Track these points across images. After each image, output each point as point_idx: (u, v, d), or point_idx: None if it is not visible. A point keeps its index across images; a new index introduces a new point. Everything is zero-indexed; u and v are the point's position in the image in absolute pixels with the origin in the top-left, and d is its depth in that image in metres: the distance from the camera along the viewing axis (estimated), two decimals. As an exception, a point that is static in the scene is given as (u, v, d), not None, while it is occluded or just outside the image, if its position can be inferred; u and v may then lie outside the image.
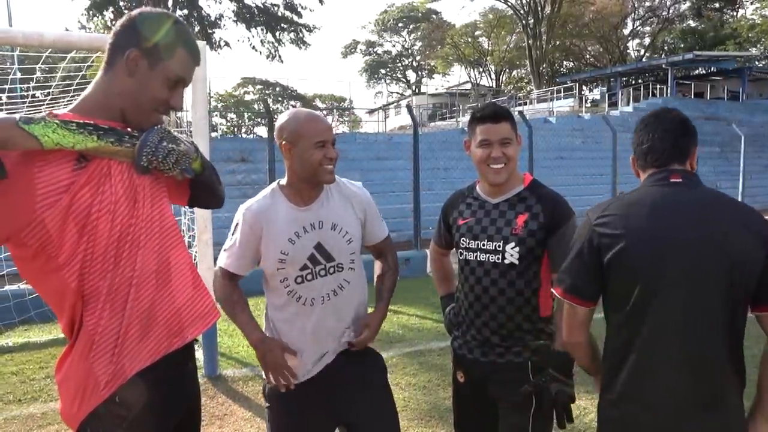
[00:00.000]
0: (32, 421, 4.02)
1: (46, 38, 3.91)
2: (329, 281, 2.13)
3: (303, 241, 2.10)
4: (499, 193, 2.24)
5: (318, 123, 2.08)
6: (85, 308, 1.53)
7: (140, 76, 1.54)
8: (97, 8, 23.73)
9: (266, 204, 2.14)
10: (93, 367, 1.55)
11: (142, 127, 1.58)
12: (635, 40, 45.17)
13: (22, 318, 6.42)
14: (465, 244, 2.26)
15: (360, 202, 2.24)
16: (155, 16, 1.57)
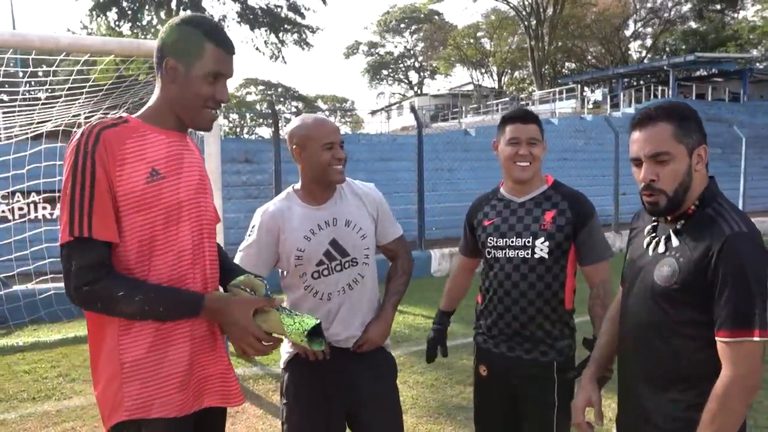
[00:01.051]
0: (47, 418, 4.09)
1: (62, 42, 3.99)
2: (344, 276, 2.22)
3: (318, 237, 2.20)
4: (524, 192, 2.35)
5: (325, 126, 2.19)
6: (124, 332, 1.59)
7: (180, 81, 1.63)
8: (100, 9, 23.86)
9: (282, 206, 2.25)
10: (122, 381, 1.59)
11: (199, 126, 1.71)
12: (637, 42, 45.27)
13: (32, 318, 6.51)
14: (492, 243, 2.35)
15: (372, 200, 2.33)
16: (178, 21, 1.66)
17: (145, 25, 24.71)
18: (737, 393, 1.47)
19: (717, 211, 1.58)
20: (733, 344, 1.47)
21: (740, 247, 1.49)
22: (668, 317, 1.60)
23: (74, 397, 4.49)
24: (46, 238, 6.50)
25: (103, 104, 6.62)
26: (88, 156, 1.50)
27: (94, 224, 1.49)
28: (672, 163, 1.58)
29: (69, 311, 6.49)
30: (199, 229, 1.71)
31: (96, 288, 1.49)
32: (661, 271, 1.61)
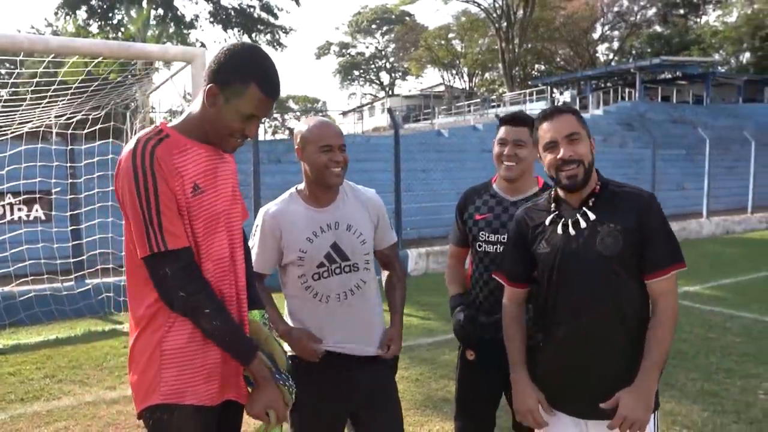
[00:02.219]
0: (39, 418, 4.11)
1: (51, 44, 4.03)
2: (345, 280, 2.27)
3: (320, 240, 2.25)
4: (517, 192, 2.49)
5: (325, 129, 2.24)
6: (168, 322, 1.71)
7: (217, 108, 1.69)
8: (69, 7, 23.41)
9: (284, 207, 2.31)
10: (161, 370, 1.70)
11: (222, 149, 1.78)
12: (604, 45, 46.30)
13: (12, 320, 6.45)
14: (485, 238, 2.48)
15: (374, 206, 2.40)
16: (238, 53, 1.68)
17: (115, 23, 24.35)
18: (676, 317, 1.90)
19: (619, 186, 1.99)
20: (671, 278, 1.88)
21: (657, 204, 1.93)
22: (622, 281, 1.89)
23: (63, 397, 4.51)
24: (26, 239, 6.46)
25: (86, 105, 6.58)
26: (148, 173, 1.60)
27: (168, 238, 1.61)
28: (582, 141, 1.92)
29: (50, 313, 6.47)
30: (232, 238, 1.81)
31: (191, 299, 1.64)
32: (605, 242, 1.89)
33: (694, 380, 4.63)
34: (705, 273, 9.29)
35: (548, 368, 2.02)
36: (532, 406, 2.00)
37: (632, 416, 1.81)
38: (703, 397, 4.29)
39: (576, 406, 1.98)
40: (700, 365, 4.98)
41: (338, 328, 2.27)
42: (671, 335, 1.87)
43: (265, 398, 1.77)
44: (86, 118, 6.73)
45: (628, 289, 1.90)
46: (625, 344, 1.91)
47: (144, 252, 1.62)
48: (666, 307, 1.87)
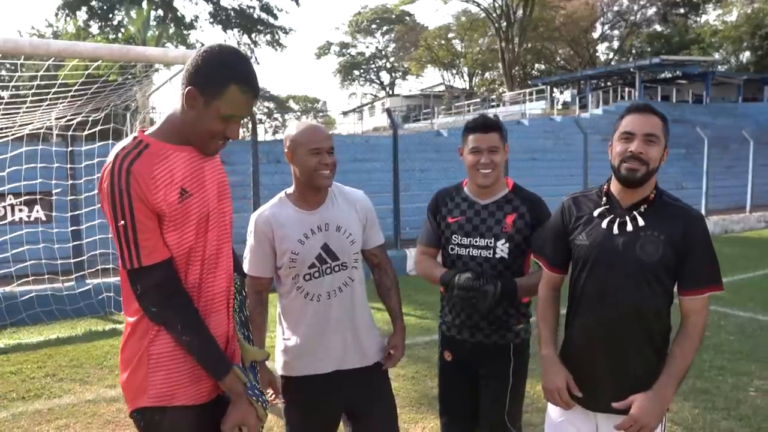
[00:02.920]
0: (40, 416, 4.18)
1: (53, 48, 4.09)
2: (335, 279, 2.34)
3: (311, 241, 2.31)
4: (488, 195, 2.53)
5: (313, 132, 2.28)
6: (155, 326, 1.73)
7: (197, 110, 1.67)
8: (69, 8, 23.48)
9: (275, 210, 2.37)
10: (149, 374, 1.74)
11: (204, 153, 1.77)
12: (604, 44, 46.38)
13: (13, 320, 6.52)
14: (457, 241, 2.52)
15: (362, 207, 2.46)
16: (215, 55, 1.67)
17: (116, 24, 24.42)
18: (702, 335, 1.95)
19: (673, 199, 2.00)
20: (705, 298, 1.92)
21: (704, 224, 1.96)
22: (651, 289, 1.91)
23: (64, 395, 4.57)
24: (27, 240, 6.53)
25: (86, 107, 6.65)
26: (124, 193, 1.60)
27: (142, 254, 1.64)
28: (657, 146, 1.93)
29: (51, 313, 6.54)
30: (222, 235, 1.83)
31: (161, 315, 1.68)
32: (646, 248, 1.91)
33: (686, 378, 4.68)
34: (702, 272, 9.31)
35: (568, 354, 2.09)
36: (560, 384, 2.04)
37: (643, 420, 1.86)
38: (694, 394, 4.35)
39: (590, 398, 2.03)
40: (693, 363, 5.03)
41: (328, 323, 2.33)
42: (695, 351, 1.93)
43: (237, 415, 1.76)
44: (86, 119, 6.79)
45: (657, 299, 1.93)
46: (647, 351, 1.96)
47: (125, 266, 1.66)
48: (696, 323, 1.92)
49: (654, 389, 1.88)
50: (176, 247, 1.70)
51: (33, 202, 7.31)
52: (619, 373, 1.97)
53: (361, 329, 2.42)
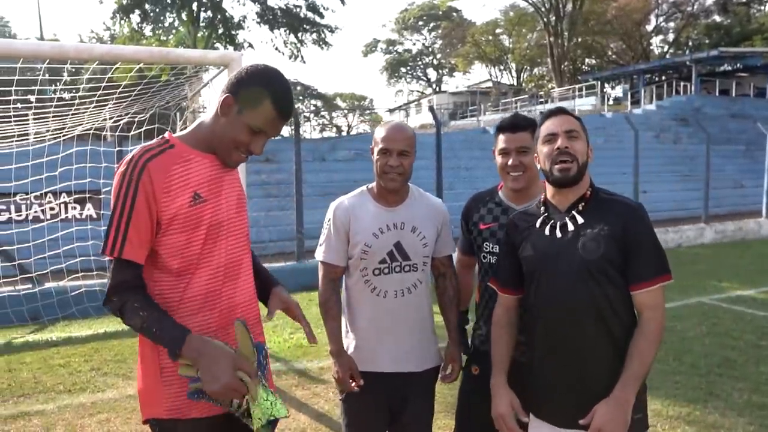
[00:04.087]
0: (83, 409, 4.30)
1: (96, 52, 4.19)
2: (403, 278, 2.36)
3: (385, 237, 2.34)
4: (523, 199, 2.34)
5: (388, 132, 2.31)
6: None
7: (229, 119, 1.72)
8: (123, 11, 24.25)
9: (354, 201, 2.41)
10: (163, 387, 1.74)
11: (225, 163, 1.79)
12: (659, 37, 44.70)
13: (65, 314, 6.76)
14: (489, 248, 2.38)
15: (439, 214, 2.46)
16: (259, 71, 1.74)
17: (167, 26, 25.14)
18: (660, 331, 1.85)
19: (609, 194, 1.97)
20: (657, 290, 1.84)
21: (643, 215, 1.89)
22: (601, 287, 1.85)
23: (107, 390, 4.70)
24: (77, 237, 6.75)
25: (131, 108, 6.83)
26: (132, 184, 1.64)
27: (126, 247, 1.64)
28: (580, 140, 1.94)
29: (99, 308, 6.64)
30: (236, 245, 1.83)
31: (120, 298, 1.64)
32: (587, 246, 1.86)
33: (740, 391, 4.44)
34: (761, 276, 8.89)
35: (530, 371, 2.00)
36: (503, 410, 1.98)
37: (607, 429, 1.74)
38: (750, 410, 4.11)
39: (553, 413, 1.95)
40: (749, 375, 4.77)
41: (394, 323, 2.36)
42: (654, 349, 1.83)
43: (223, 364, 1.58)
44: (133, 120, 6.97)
45: (609, 297, 1.86)
46: (611, 355, 1.86)
47: (102, 250, 1.67)
48: (650, 319, 1.84)
49: (612, 395, 1.77)
50: (184, 249, 1.71)
51: (83, 201, 7.57)
52: (578, 383, 1.88)
53: (423, 333, 2.44)
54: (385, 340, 2.37)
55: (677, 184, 18.20)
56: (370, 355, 2.38)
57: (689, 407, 4.18)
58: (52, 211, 7.37)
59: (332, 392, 4.45)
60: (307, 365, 5.19)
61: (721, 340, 5.70)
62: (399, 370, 2.38)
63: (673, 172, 18.70)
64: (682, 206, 16.38)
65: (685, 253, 11.68)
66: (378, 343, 2.37)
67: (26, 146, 7.11)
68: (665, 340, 5.58)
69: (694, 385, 4.59)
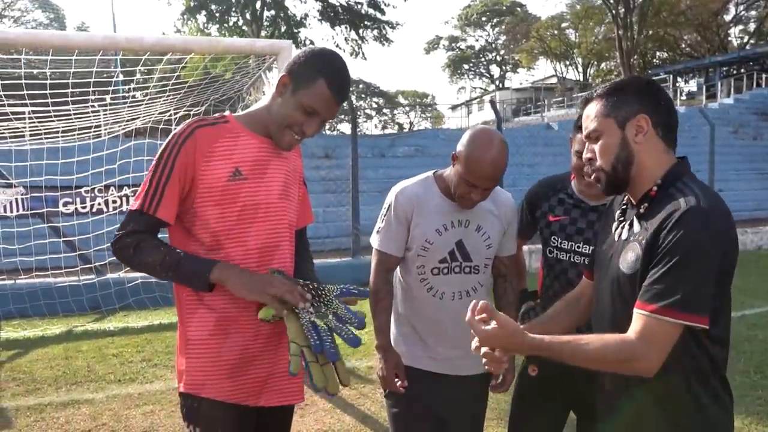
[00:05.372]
0: (130, 400, 4.30)
1: (146, 42, 4.17)
2: (463, 280, 2.19)
3: (448, 234, 2.16)
4: (599, 195, 2.13)
5: (482, 165, 2.00)
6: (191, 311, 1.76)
7: (285, 98, 1.72)
8: (190, 12, 25.00)
9: (418, 189, 2.20)
10: (188, 360, 1.76)
11: (277, 143, 1.78)
12: (738, 27, 42.16)
13: (122, 304, 6.90)
14: (556, 243, 2.24)
15: (507, 212, 2.25)
16: (317, 52, 1.75)
17: (231, 26, 25.69)
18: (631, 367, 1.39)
19: (679, 189, 1.47)
20: (654, 321, 1.36)
21: (689, 220, 1.37)
22: (629, 307, 1.44)
23: (155, 381, 4.70)
24: (135, 229, 6.86)
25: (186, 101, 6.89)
26: (176, 146, 1.68)
27: (161, 206, 1.67)
28: (602, 138, 1.55)
29: (155, 299, 6.83)
30: (274, 231, 1.79)
31: (134, 238, 1.67)
32: (626, 257, 1.51)
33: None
34: None
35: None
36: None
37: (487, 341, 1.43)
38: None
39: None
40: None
41: (449, 327, 2.18)
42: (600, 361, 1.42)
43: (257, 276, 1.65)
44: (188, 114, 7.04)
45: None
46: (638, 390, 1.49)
47: (136, 206, 1.69)
48: (632, 342, 1.38)
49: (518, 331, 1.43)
50: (216, 223, 1.71)
51: (142, 194, 7.72)
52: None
53: None
54: (438, 341, 2.22)
55: (758, 182, 17.11)
56: (420, 354, 2.24)
57: (774, 426, 3.76)
58: (114, 204, 7.54)
59: (380, 393, 4.28)
60: (355, 364, 5.03)
61: (810, 352, 5.17)
62: (450, 372, 2.23)
63: (754, 169, 17.59)
64: (762, 206, 15.39)
65: (767, 255, 10.90)
66: (430, 343, 2.23)
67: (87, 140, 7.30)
68: (745, 351, 5.16)
69: (779, 401, 4.14)
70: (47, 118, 6.69)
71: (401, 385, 2.16)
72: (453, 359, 2.22)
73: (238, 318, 1.73)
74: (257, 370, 1.78)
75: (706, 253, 1.36)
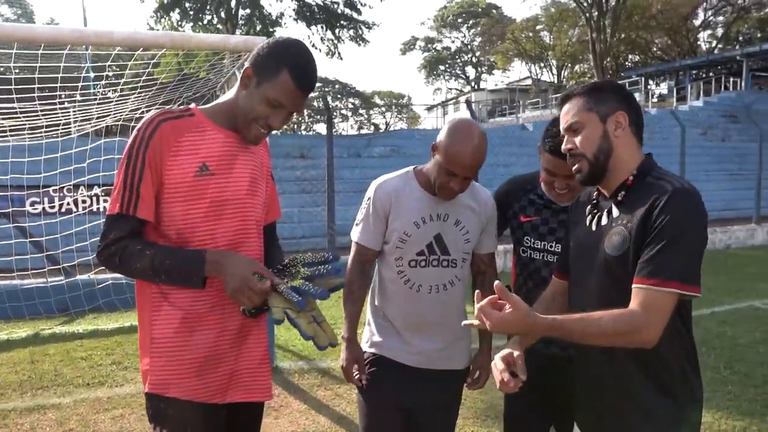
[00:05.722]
0: (99, 404, 4.19)
1: (116, 36, 4.06)
2: (440, 274, 2.19)
3: (426, 227, 2.17)
4: (569, 200, 2.17)
5: (462, 154, 2.02)
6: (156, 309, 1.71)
7: (249, 90, 1.69)
8: (164, 10, 24.59)
9: (398, 183, 2.21)
10: (152, 359, 1.70)
11: (244, 137, 1.75)
12: (707, 31, 43.04)
13: (92, 306, 6.74)
14: (529, 243, 2.28)
15: (487, 209, 2.26)
16: (280, 42, 1.71)
17: (206, 24, 25.35)
18: (633, 339, 1.48)
19: (658, 177, 1.61)
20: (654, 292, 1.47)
21: (678, 201, 1.51)
22: (623, 288, 1.54)
23: (125, 384, 4.59)
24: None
25: (159, 99, 6.76)
26: (144, 142, 1.64)
27: (139, 205, 1.63)
28: (584, 130, 1.66)
29: (125, 301, 6.69)
30: (242, 228, 1.76)
31: (118, 246, 1.63)
32: (612, 241, 1.60)
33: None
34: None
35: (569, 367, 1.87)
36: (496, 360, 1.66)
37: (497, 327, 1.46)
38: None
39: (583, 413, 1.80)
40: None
41: (425, 319, 2.20)
42: (609, 335, 1.47)
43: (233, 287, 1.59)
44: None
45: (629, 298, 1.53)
46: (630, 367, 1.59)
47: (114, 209, 1.64)
48: (634, 313, 1.46)
49: (530, 313, 1.47)
50: (182, 219, 1.68)
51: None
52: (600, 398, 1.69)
53: (455, 331, 2.24)
54: (413, 334, 2.21)
55: (726, 183, 17.47)
56: (395, 346, 2.23)
57: (744, 421, 3.82)
58: (84, 203, 7.36)
59: (355, 392, 4.24)
60: (331, 365, 4.99)
61: (777, 348, 5.28)
62: (424, 366, 2.22)
63: (722, 170, 17.96)
64: (731, 206, 15.72)
65: (735, 254, 11.13)
66: (406, 336, 2.22)
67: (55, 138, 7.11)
68: (715, 347, 5.24)
69: (749, 396, 4.21)
70: (13, 116, 6.51)
71: (359, 378, 2.19)
72: (428, 352, 2.21)
73: (205, 315, 1.70)
74: (224, 367, 1.75)
75: (695, 229, 1.50)
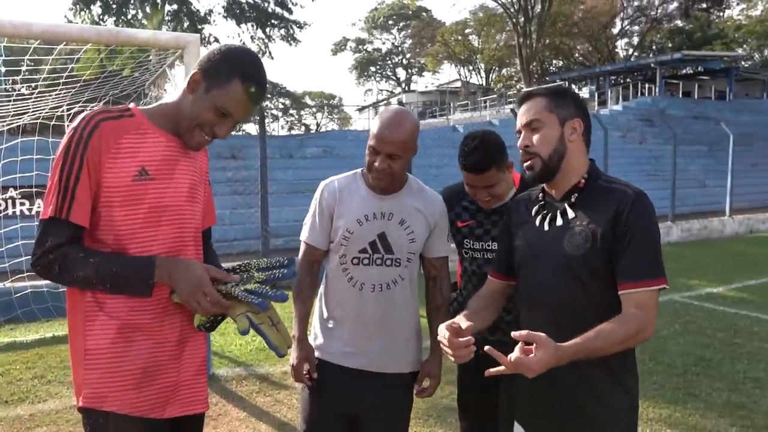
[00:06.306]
0: (20, 423, 3.91)
1: (35, 29, 3.81)
2: (383, 272, 2.17)
3: (369, 225, 2.16)
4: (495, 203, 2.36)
5: (382, 129, 2.05)
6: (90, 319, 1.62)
7: (196, 95, 1.64)
8: (84, 2, 23.45)
9: (344, 183, 2.23)
10: (86, 371, 1.61)
11: (186, 143, 1.69)
12: (624, 40, 45.39)
13: (8, 317, 6.31)
14: (469, 245, 2.40)
15: (434, 210, 2.26)
16: (233, 50, 1.66)
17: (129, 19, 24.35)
18: (639, 338, 1.57)
19: (609, 182, 1.73)
20: (646, 293, 1.59)
21: (643, 204, 1.64)
22: (584, 286, 1.65)
23: (49, 400, 4.31)
24: (22, 235, 6.28)
25: (82, 96, 6.41)
26: (81, 142, 1.55)
27: (74, 208, 1.54)
28: (543, 129, 1.72)
29: (47, 310, 6.30)
30: (181, 235, 1.70)
31: (57, 253, 1.53)
32: (573, 241, 1.67)
33: (719, 390, 4.31)
34: (729, 273, 8.92)
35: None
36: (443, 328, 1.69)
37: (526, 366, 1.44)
38: (730, 410, 3.98)
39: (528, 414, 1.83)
40: (726, 374, 4.66)
41: (369, 318, 2.18)
42: (621, 337, 1.53)
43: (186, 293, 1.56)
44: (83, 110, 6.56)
45: (592, 296, 1.65)
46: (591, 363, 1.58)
47: (47, 213, 1.55)
48: (634, 314, 1.56)
49: (558, 346, 1.46)
50: (119, 225, 1.61)
51: (31, 196, 7.09)
52: (555, 387, 1.70)
53: (402, 333, 2.23)
54: (356, 335, 2.19)
55: (643, 183, 18.18)
56: (337, 348, 2.20)
57: (669, 408, 4.02)
58: (-1, 206, 6.88)
59: (296, 399, 4.16)
60: (270, 370, 4.88)
61: (696, 339, 5.61)
62: (367, 368, 2.19)
63: (640, 171, 18.90)
64: (649, 205, 16.55)
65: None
66: (348, 336, 2.19)
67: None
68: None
69: (673, 385, 4.45)
70: None
71: (309, 378, 2.17)
72: (373, 353, 2.19)
73: (144, 325, 1.62)
74: (164, 379, 1.68)
75: (657, 228, 1.66)
